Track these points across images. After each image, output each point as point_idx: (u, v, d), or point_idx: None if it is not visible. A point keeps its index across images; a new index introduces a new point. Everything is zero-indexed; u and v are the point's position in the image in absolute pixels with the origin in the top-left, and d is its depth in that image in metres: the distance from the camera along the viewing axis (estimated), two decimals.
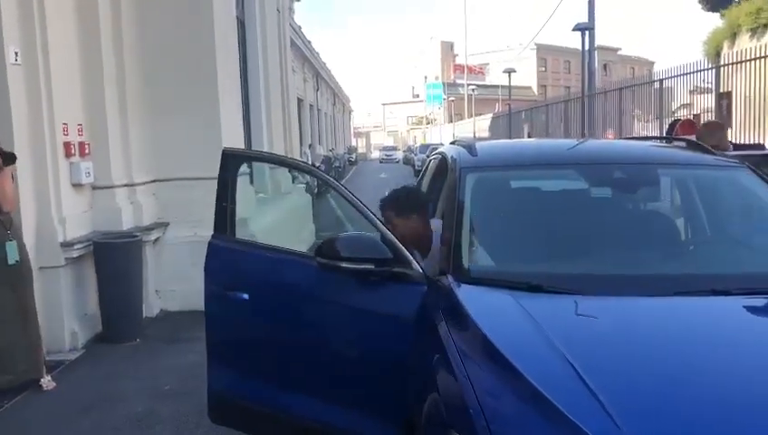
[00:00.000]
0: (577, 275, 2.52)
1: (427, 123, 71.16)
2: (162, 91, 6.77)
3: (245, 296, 3.03)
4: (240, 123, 8.10)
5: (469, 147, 3.31)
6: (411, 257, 2.69)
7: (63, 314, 5.53)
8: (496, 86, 54.55)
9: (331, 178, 3.11)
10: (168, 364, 5.30)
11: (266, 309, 3.03)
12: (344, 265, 2.66)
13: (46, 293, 5.40)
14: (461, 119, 53.81)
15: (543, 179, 3.25)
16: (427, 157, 4.90)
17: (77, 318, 5.70)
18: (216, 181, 6.97)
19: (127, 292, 5.85)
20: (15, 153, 5.08)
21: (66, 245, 5.50)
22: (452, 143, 3.85)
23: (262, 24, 10.05)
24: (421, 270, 2.66)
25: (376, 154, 56.88)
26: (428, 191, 3.72)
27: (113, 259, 5.77)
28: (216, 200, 3.26)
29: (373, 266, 2.65)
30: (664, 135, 7.57)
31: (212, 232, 6.36)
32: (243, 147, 8.21)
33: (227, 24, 7.52)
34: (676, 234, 3.09)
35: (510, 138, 25.67)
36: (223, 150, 3.34)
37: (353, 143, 64.98)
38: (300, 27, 25.41)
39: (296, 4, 31.73)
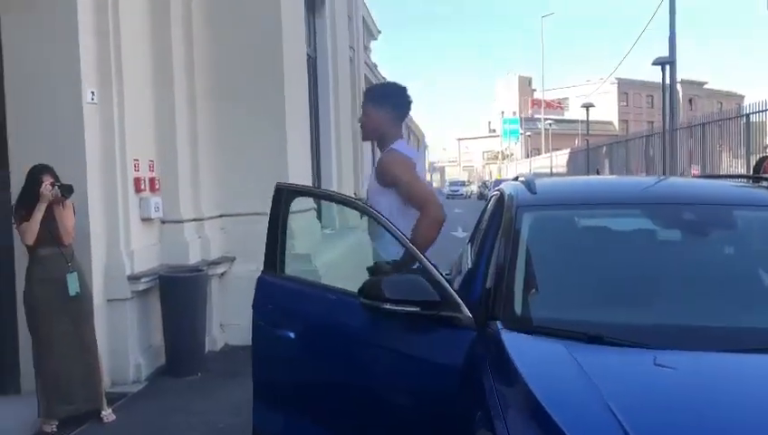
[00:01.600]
0: (641, 326, 2.31)
1: (503, 158, 70.50)
2: (231, 128, 6.89)
3: (291, 335, 2.96)
4: (308, 160, 8.16)
5: (528, 183, 3.14)
6: (460, 300, 2.53)
7: (128, 346, 5.61)
8: (575, 121, 53.66)
9: (380, 215, 2.99)
10: (227, 400, 5.26)
11: (312, 349, 2.95)
12: (388, 306, 2.51)
13: (113, 325, 5.50)
14: (538, 154, 53.04)
15: (607, 220, 3.04)
16: (490, 193, 4.74)
17: (142, 351, 5.77)
18: None
19: (190, 326, 5.89)
20: (88, 188, 5.29)
21: (133, 278, 5.60)
22: (515, 179, 3.68)
23: (333, 62, 10.18)
24: (470, 315, 2.50)
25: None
26: (486, 230, 3.55)
27: (178, 293, 5.83)
28: (267, 235, 3.19)
29: (419, 309, 2.50)
30: (751, 172, 7.11)
31: None
32: (311, 183, 8.25)
33: (297, 62, 7.63)
34: (755, 282, 2.81)
35: (588, 174, 25.04)
36: (276, 185, 3.28)
37: (428, 178, 65.09)
38: (375, 65, 25.78)
39: (373, 43, 32.32)
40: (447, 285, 2.57)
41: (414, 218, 3.32)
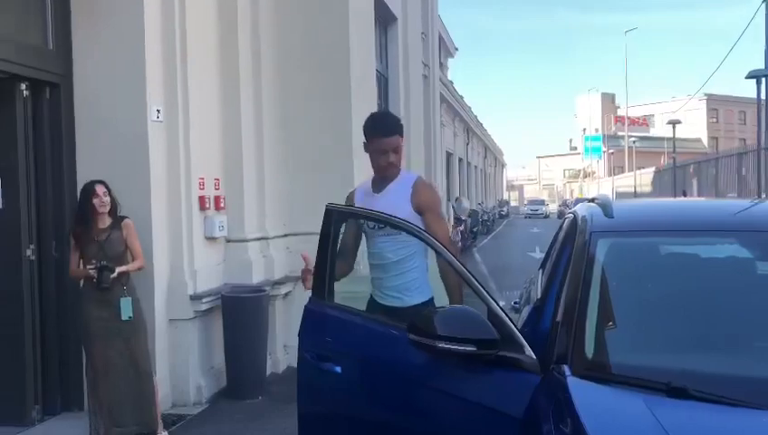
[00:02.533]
0: (738, 378, 1.94)
1: (585, 177, 68.60)
2: (297, 147, 6.82)
3: (338, 369, 2.72)
4: None
5: (605, 206, 2.79)
6: (523, 339, 2.22)
7: (190, 367, 5.54)
8: (661, 138, 51.62)
9: (434, 240, 2.71)
10: (285, 427, 5.07)
11: (357, 387, 2.70)
12: (440, 344, 2.23)
13: (174, 345, 5.45)
14: (621, 172, 51.24)
15: (694, 249, 2.66)
16: (563, 215, 4.37)
17: (203, 372, 5.69)
18: None
19: (252, 347, 5.77)
20: (152, 207, 5.28)
21: (196, 298, 5.54)
22: (591, 201, 3.32)
23: (405, 80, 10.03)
24: (534, 356, 2.18)
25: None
26: (557, 257, 3.22)
27: (240, 313, 5.73)
28: (317, 260, 2.97)
29: (475, 348, 2.21)
30: None
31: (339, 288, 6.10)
32: None
33: (366, 80, 7.49)
34: None
35: (675, 194, 23.86)
36: (326, 206, 3.07)
37: (505, 196, 63.97)
38: (451, 82, 25.58)
39: (450, 60, 32.18)
40: (509, 321, 2.27)
41: None
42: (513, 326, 2.26)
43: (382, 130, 3.38)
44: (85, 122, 5.29)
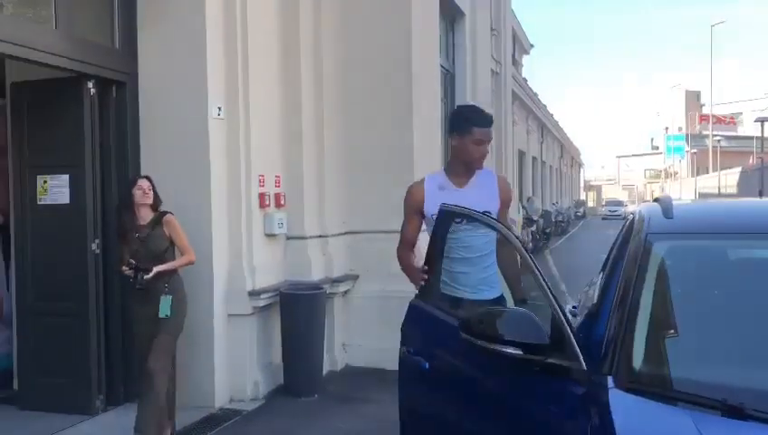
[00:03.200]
0: None
1: (667, 177, 66.04)
2: (358, 144, 6.77)
3: (426, 366, 2.75)
4: None
5: (664, 206, 2.59)
6: (577, 349, 2.07)
7: (247, 362, 5.57)
8: (749, 137, 49.08)
9: (516, 237, 2.63)
10: (339, 426, 5.05)
11: (440, 383, 2.71)
12: (489, 345, 2.14)
13: (232, 341, 5.49)
14: (706, 172, 49.03)
15: (762, 254, 2.42)
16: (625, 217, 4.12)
17: (261, 368, 5.71)
18: None
19: (309, 345, 5.76)
20: (212, 203, 5.33)
21: (254, 294, 5.56)
22: (655, 201, 3.10)
23: (473, 76, 9.84)
24: (584, 366, 2.02)
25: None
26: (614, 260, 3.02)
27: (298, 310, 5.73)
28: (425, 258, 3.04)
29: (521, 352, 2.10)
30: None
31: (398, 287, 6.04)
32: None
33: (429, 77, 7.38)
34: None
35: (762, 195, 22.59)
36: (440, 207, 3.06)
37: (583, 197, 62.31)
38: (525, 80, 25.08)
39: (525, 58, 31.57)
40: (567, 327, 2.11)
41: None
42: (570, 333, 2.10)
43: (481, 120, 3.38)
44: (149, 120, 5.40)
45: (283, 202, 6.12)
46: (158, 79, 5.36)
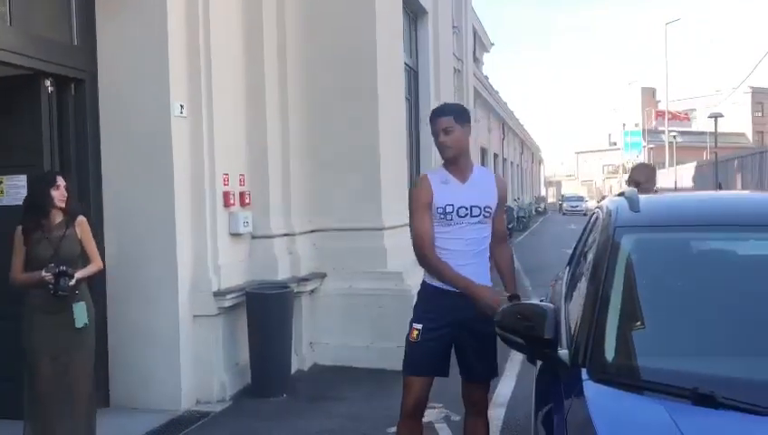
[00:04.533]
0: None
1: (624, 172, 67.32)
2: (324, 141, 6.75)
3: None
4: (404, 174, 7.87)
5: (631, 200, 2.63)
6: (551, 334, 2.14)
7: (214, 363, 5.50)
8: (703, 133, 50.35)
9: None
10: (309, 426, 5.02)
11: None
12: (501, 332, 2.24)
13: (199, 342, 5.41)
14: (662, 168, 50.14)
15: (726, 245, 2.48)
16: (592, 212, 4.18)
17: (227, 369, 5.65)
18: (371, 233, 6.64)
19: (277, 344, 5.71)
20: (175, 202, 5.23)
21: (220, 294, 5.49)
22: (619, 195, 3.16)
23: (436, 73, 9.88)
24: (563, 356, 2.08)
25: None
26: (580, 253, 3.07)
27: (264, 310, 5.67)
28: None
29: (523, 342, 2.19)
30: None
31: (365, 285, 6.01)
32: (405, 198, 7.93)
33: (393, 74, 7.38)
34: None
35: (720, 188, 23.19)
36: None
37: (543, 193, 63.11)
38: (487, 77, 25.29)
39: (485, 55, 31.83)
40: (547, 317, 2.18)
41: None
42: (549, 323, 2.18)
43: (437, 111, 3.49)
44: (110, 118, 5.29)
45: (248, 201, 6.06)
46: (119, 76, 5.25)
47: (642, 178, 5.06)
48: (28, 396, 4.03)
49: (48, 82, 4.96)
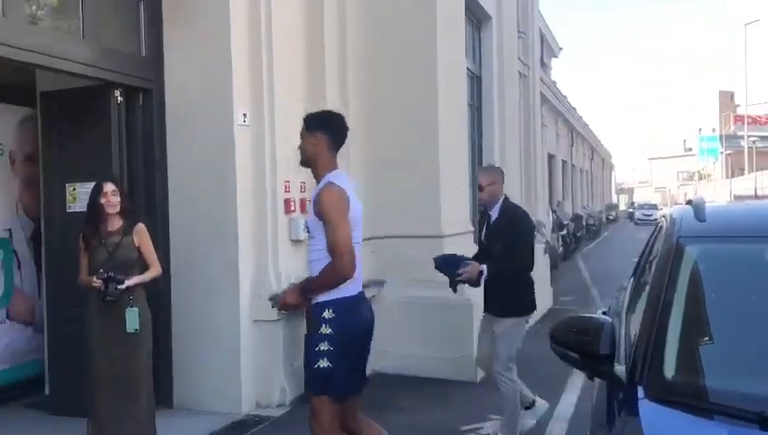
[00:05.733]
0: None
1: (700, 179, 64.85)
2: (382, 150, 6.75)
3: None
4: (465, 182, 7.77)
5: (696, 208, 2.50)
6: (608, 351, 2.04)
7: (274, 369, 5.55)
8: None
9: None
10: None
11: None
12: (556, 347, 2.15)
13: (259, 347, 5.47)
14: (741, 174, 48.00)
15: None
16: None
17: (287, 374, 5.68)
18: (431, 240, 6.58)
19: None
20: (238, 210, 5.33)
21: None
22: (687, 203, 3.01)
23: (499, 79, 9.73)
24: (623, 376, 1.97)
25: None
26: (643, 264, 2.94)
27: None
28: None
29: (578, 357, 2.09)
30: None
31: (424, 293, 5.96)
32: (468, 210, 7.85)
33: (453, 81, 7.31)
34: None
35: None
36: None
37: (614, 200, 61.40)
38: (554, 82, 24.83)
39: (553, 60, 31.26)
40: (603, 331, 2.08)
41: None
42: (605, 337, 2.08)
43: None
44: (175, 127, 5.43)
45: (308, 207, 6.10)
46: (184, 86, 5.39)
47: (486, 181, 4.76)
48: (91, 396, 4.18)
49: (117, 93, 5.15)
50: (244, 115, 5.43)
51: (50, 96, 5.37)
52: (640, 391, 1.80)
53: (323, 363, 3.30)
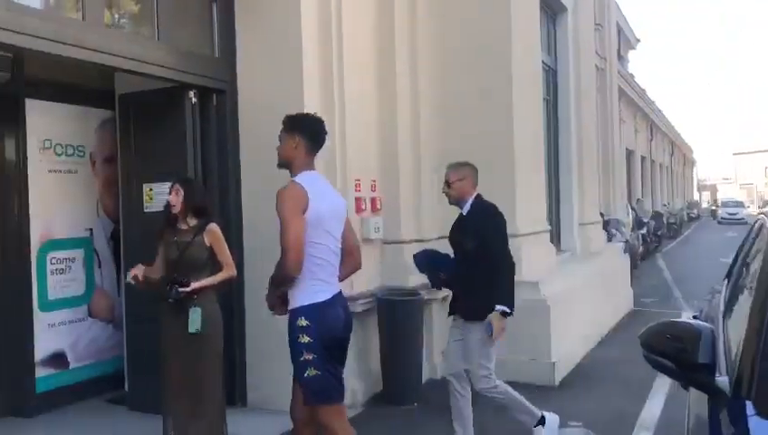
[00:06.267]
0: None
1: None
2: (455, 146, 6.57)
3: None
4: (540, 178, 7.53)
5: None
6: (707, 360, 1.86)
7: (346, 370, 5.45)
8: None
9: None
10: None
11: None
12: (648, 354, 2.00)
13: None
14: None
15: None
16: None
17: (359, 375, 5.63)
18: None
19: (407, 352, 5.64)
20: None
21: (351, 299, 5.46)
22: None
23: (576, 73, 9.41)
24: (727, 389, 1.79)
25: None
26: (742, 268, 2.69)
27: (395, 317, 5.62)
28: None
29: (673, 366, 1.94)
30: None
31: None
32: (545, 207, 7.61)
33: (528, 74, 7.08)
34: None
35: None
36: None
37: (696, 197, 58.93)
38: (632, 75, 23.99)
39: (630, 53, 30.23)
40: (702, 338, 1.92)
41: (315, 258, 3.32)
42: (702, 344, 1.91)
43: None
44: (248, 126, 5.46)
45: (379, 206, 6.04)
46: (256, 85, 5.41)
47: (455, 177, 4.45)
48: (165, 394, 4.23)
49: (192, 94, 5.20)
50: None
51: (127, 98, 5.49)
52: (750, 407, 1.62)
53: (311, 372, 3.23)
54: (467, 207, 4.48)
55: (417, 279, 6.16)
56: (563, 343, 6.39)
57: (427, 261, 4.58)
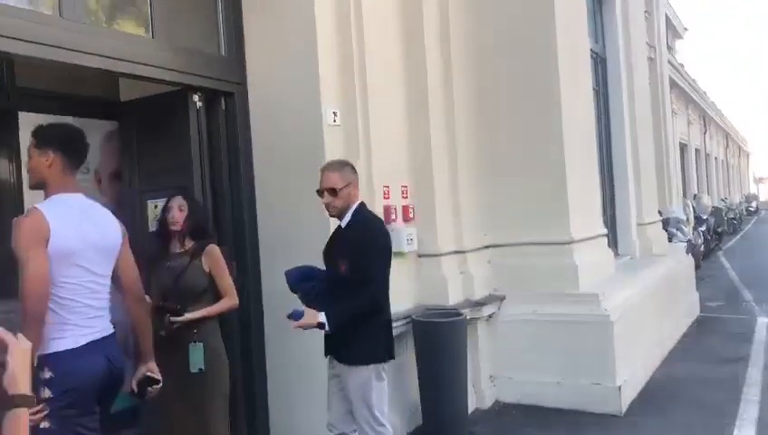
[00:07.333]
0: None
1: None
2: (496, 145, 5.96)
3: None
4: (594, 176, 6.76)
5: None
6: None
7: None
8: None
9: None
10: None
11: None
12: None
13: None
14: None
15: None
16: None
17: (395, 408, 4.96)
18: (558, 247, 5.57)
19: (450, 380, 4.96)
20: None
21: None
22: None
23: (627, 62, 8.60)
24: None
25: None
26: None
27: (434, 340, 4.95)
28: None
29: None
30: None
31: (552, 309, 4.98)
32: (599, 203, 6.85)
33: (576, 64, 6.33)
34: None
35: None
36: None
37: (753, 191, 56.51)
38: (682, 65, 22.79)
39: (678, 42, 28.91)
40: None
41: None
42: None
43: None
44: (261, 131, 4.89)
45: (411, 215, 5.39)
46: (268, 86, 4.84)
47: (341, 182, 3.59)
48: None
49: (196, 97, 4.65)
50: (335, 114, 4.79)
51: (127, 106, 4.98)
52: None
53: (46, 426, 2.59)
54: (348, 217, 3.66)
55: (457, 295, 5.50)
56: (628, 362, 5.62)
57: (300, 279, 3.67)
